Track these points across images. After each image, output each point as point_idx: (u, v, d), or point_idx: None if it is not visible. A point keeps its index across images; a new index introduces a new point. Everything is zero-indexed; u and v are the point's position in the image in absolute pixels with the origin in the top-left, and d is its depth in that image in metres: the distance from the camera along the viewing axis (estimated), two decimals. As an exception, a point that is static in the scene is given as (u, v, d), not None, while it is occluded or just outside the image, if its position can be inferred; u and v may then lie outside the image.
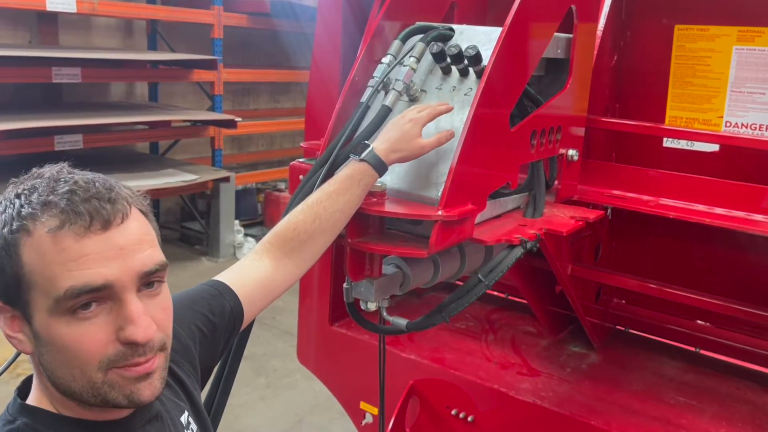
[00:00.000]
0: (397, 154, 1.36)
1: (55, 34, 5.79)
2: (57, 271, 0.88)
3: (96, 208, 0.90)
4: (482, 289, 1.48)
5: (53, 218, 0.89)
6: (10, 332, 0.94)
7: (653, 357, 2.21)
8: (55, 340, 0.90)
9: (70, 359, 0.91)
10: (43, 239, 0.89)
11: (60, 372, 0.93)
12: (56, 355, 0.92)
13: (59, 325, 0.90)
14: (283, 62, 7.35)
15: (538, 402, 1.94)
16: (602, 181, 1.89)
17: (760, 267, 2.04)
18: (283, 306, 4.12)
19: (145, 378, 0.95)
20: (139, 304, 0.93)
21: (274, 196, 7.06)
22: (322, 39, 2.32)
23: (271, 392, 4.11)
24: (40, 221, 0.89)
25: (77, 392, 0.93)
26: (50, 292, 0.89)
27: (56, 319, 0.90)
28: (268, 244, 1.34)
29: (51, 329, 0.90)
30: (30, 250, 0.89)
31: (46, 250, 0.89)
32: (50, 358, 0.92)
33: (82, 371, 0.91)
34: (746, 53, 1.86)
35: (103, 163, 5.58)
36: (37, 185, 0.93)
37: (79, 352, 0.90)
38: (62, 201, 0.90)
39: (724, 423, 1.87)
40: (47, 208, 0.90)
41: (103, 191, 0.92)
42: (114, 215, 0.91)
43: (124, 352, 0.92)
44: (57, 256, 0.88)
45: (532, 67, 1.56)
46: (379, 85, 1.51)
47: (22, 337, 0.94)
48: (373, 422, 2.23)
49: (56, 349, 0.91)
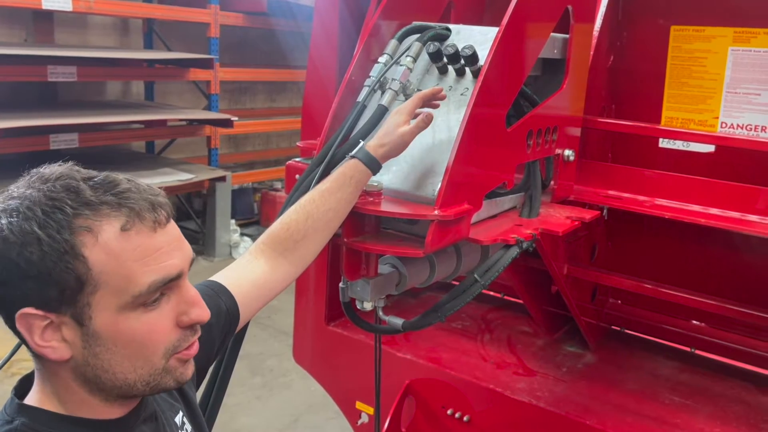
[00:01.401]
0: (384, 148, 1.35)
1: (51, 33, 5.77)
2: (134, 267, 0.90)
3: (155, 203, 0.93)
4: (478, 289, 1.48)
5: (119, 217, 0.90)
6: (41, 342, 0.91)
7: (648, 357, 2.22)
8: (122, 335, 0.92)
9: (137, 352, 0.93)
10: (113, 239, 0.89)
11: (119, 367, 0.94)
12: (120, 351, 0.93)
13: (128, 321, 0.92)
14: (280, 61, 7.34)
15: (534, 402, 1.94)
16: (598, 182, 1.89)
17: (754, 267, 2.04)
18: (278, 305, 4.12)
19: (189, 360, 1.01)
20: (194, 288, 1.00)
21: (270, 196, 7.06)
22: (318, 38, 2.32)
23: (267, 392, 4.11)
24: (104, 221, 0.89)
25: (130, 383, 0.95)
26: (127, 289, 0.90)
27: (126, 315, 0.91)
28: (262, 244, 1.34)
29: (119, 326, 0.91)
30: (97, 251, 0.88)
31: (119, 248, 0.89)
32: (109, 357, 0.93)
33: (147, 361, 0.95)
34: (742, 54, 1.87)
35: (99, 162, 5.55)
36: (74, 185, 0.90)
37: (150, 342, 0.94)
38: (120, 199, 0.91)
39: (719, 423, 1.88)
40: (107, 208, 0.90)
41: (147, 188, 0.95)
42: (166, 210, 0.96)
43: (184, 335, 0.98)
44: (131, 253, 0.90)
45: (528, 67, 1.56)
46: (375, 84, 1.51)
47: (57, 344, 0.91)
48: (369, 422, 2.23)
49: (122, 344, 0.92)
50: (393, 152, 1.37)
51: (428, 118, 1.38)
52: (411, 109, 1.38)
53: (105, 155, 5.99)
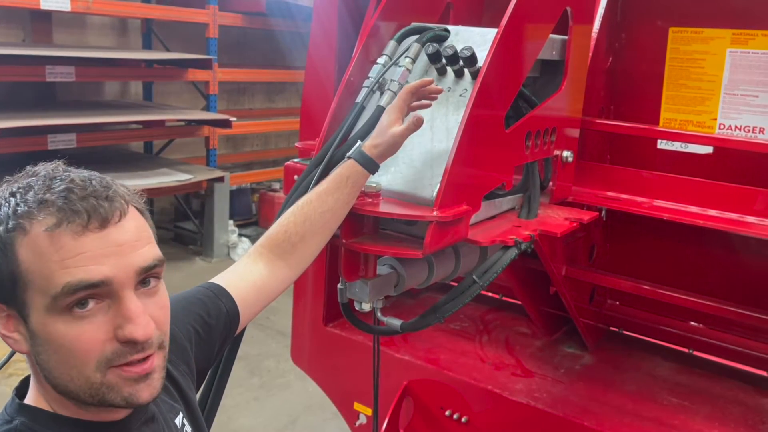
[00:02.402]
0: (378, 148, 1.34)
1: (49, 33, 5.76)
2: (54, 268, 0.88)
3: (93, 206, 0.90)
4: (477, 290, 1.48)
5: (50, 216, 0.88)
6: (5, 332, 0.93)
7: (647, 358, 2.22)
8: (52, 339, 0.90)
9: (67, 358, 0.90)
10: (39, 237, 0.88)
11: (57, 372, 0.92)
12: (53, 355, 0.91)
13: (56, 324, 0.89)
14: (279, 62, 7.34)
15: (532, 403, 1.94)
16: (597, 183, 1.89)
17: (752, 268, 2.04)
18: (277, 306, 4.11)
19: (144, 379, 0.94)
20: (137, 302, 0.92)
21: (268, 197, 7.05)
22: (317, 39, 2.32)
23: (265, 393, 4.10)
24: (36, 219, 0.88)
25: (75, 392, 0.92)
26: (47, 289, 0.88)
27: (53, 317, 0.89)
28: (261, 247, 1.34)
29: (48, 328, 0.89)
30: (26, 249, 0.89)
31: (43, 248, 0.88)
32: (47, 358, 0.91)
33: (79, 371, 0.91)
34: (740, 56, 1.87)
35: (97, 162, 5.56)
36: (33, 183, 0.92)
37: (77, 351, 0.89)
38: (59, 199, 0.89)
39: (717, 424, 1.88)
40: (44, 207, 0.89)
41: (100, 189, 0.92)
42: (112, 213, 0.91)
43: (122, 350, 0.91)
44: (54, 254, 0.88)
45: (527, 69, 1.56)
46: (374, 85, 1.51)
47: (18, 336, 0.93)
48: (367, 423, 2.23)
49: (53, 349, 0.90)
50: (387, 152, 1.36)
51: (419, 122, 1.36)
52: (401, 106, 1.38)
53: (103, 155, 5.98)
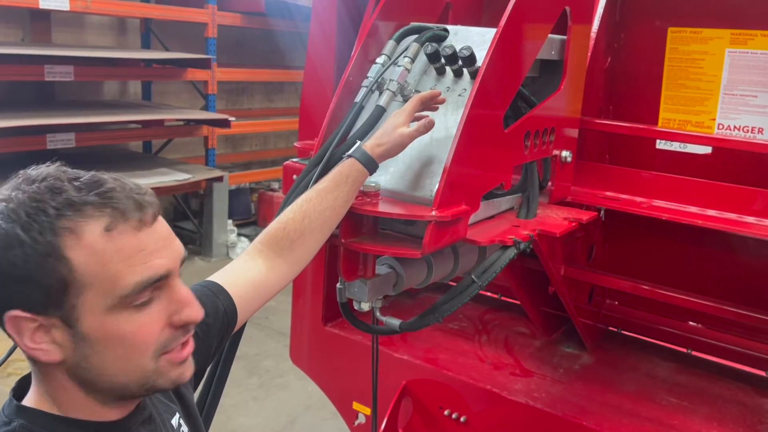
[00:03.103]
0: (382, 147, 1.35)
1: (48, 32, 5.75)
2: (119, 268, 0.88)
3: (140, 203, 0.92)
4: (475, 290, 1.48)
5: (103, 217, 0.88)
6: (32, 344, 0.90)
7: (645, 358, 2.22)
8: (111, 336, 0.91)
9: (126, 352, 0.92)
10: (96, 239, 0.87)
11: (111, 369, 0.93)
12: (109, 353, 0.92)
13: (119, 321, 0.90)
14: (278, 62, 7.34)
15: (531, 403, 1.94)
16: (595, 183, 1.89)
17: (751, 269, 2.05)
18: (276, 306, 4.12)
19: (186, 361, 0.99)
20: (186, 288, 0.98)
21: (267, 196, 7.05)
22: (316, 39, 2.32)
23: (264, 392, 4.10)
24: (86, 222, 0.87)
25: (123, 385, 0.95)
26: (113, 290, 0.88)
27: (115, 315, 0.90)
28: (259, 244, 1.34)
29: (107, 326, 0.90)
30: (81, 252, 0.87)
31: (103, 249, 0.88)
32: (100, 358, 0.92)
33: (136, 363, 0.93)
34: (739, 56, 1.87)
35: (96, 161, 5.56)
36: (58, 185, 0.89)
37: (138, 343, 0.92)
38: (104, 199, 0.89)
39: (716, 424, 1.88)
40: (90, 209, 0.88)
41: (134, 187, 0.94)
42: (154, 208, 0.94)
43: (174, 335, 0.96)
44: (116, 254, 0.88)
45: (526, 69, 1.56)
46: (373, 85, 1.51)
47: (48, 346, 0.90)
48: (366, 422, 2.23)
49: (112, 346, 0.91)
50: (390, 152, 1.36)
51: (430, 124, 1.38)
52: (411, 111, 1.39)
53: (102, 155, 5.98)
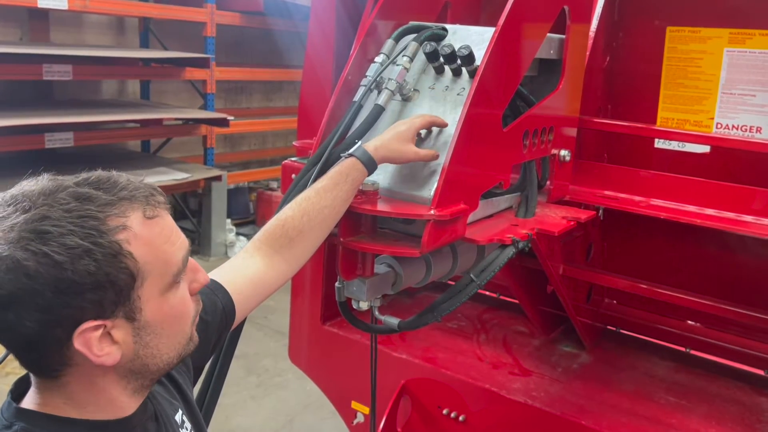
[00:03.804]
0: (386, 152, 1.36)
1: (46, 31, 5.74)
2: (167, 249, 0.96)
3: (150, 191, 0.98)
4: (474, 289, 1.48)
5: (138, 208, 0.94)
6: (99, 353, 0.91)
7: (644, 357, 2.22)
8: (167, 315, 0.98)
9: (179, 325, 1.01)
10: (142, 229, 0.93)
11: (164, 348, 0.99)
12: (166, 331, 0.98)
13: (169, 299, 0.98)
14: (276, 61, 7.33)
15: (530, 402, 1.94)
16: (594, 182, 1.89)
17: (750, 268, 2.05)
18: (274, 305, 4.11)
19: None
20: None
21: (266, 195, 7.05)
22: (315, 38, 2.32)
23: (263, 392, 4.10)
24: (130, 216, 0.92)
25: (171, 360, 1.01)
26: (168, 270, 0.96)
27: (169, 294, 0.97)
28: (258, 242, 1.34)
29: (164, 306, 0.97)
30: (136, 244, 0.92)
31: (150, 236, 0.94)
32: (157, 341, 0.98)
33: (185, 332, 1.02)
34: (737, 55, 1.87)
35: (95, 161, 5.54)
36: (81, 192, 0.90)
37: (185, 314, 1.02)
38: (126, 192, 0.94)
39: (714, 423, 1.88)
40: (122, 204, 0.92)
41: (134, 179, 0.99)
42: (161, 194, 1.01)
43: (197, 299, 1.06)
44: (159, 237, 0.96)
45: (524, 68, 1.56)
46: (372, 84, 1.51)
47: (110, 348, 0.92)
48: (365, 422, 2.23)
49: (168, 324, 0.98)
50: (391, 160, 1.38)
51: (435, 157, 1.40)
52: (419, 127, 1.41)
53: (100, 154, 5.97)
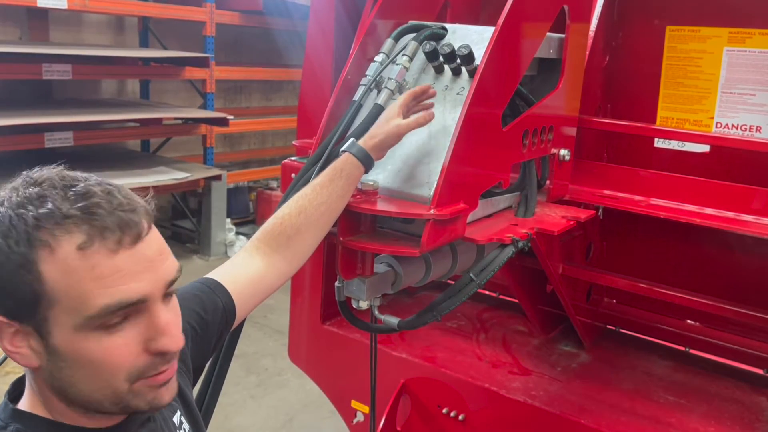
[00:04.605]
0: (375, 139, 1.35)
1: (46, 31, 5.74)
2: (89, 288, 0.84)
3: (124, 221, 0.86)
4: (474, 288, 1.48)
5: (80, 233, 0.84)
6: (11, 348, 0.89)
7: (643, 356, 2.22)
8: (80, 355, 0.87)
9: (96, 373, 0.88)
10: (70, 256, 0.84)
11: (80, 385, 0.90)
12: (80, 371, 0.89)
13: (87, 341, 0.86)
14: (276, 60, 7.33)
15: (529, 401, 1.94)
16: (593, 181, 1.89)
17: (749, 267, 2.05)
18: (274, 304, 4.11)
19: (166, 384, 0.95)
20: (168, 314, 0.92)
21: (265, 195, 7.04)
22: (314, 37, 2.32)
23: (262, 391, 4.10)
24: (63, 237, 0.84)
25: (98, 401, 0.92)
26: (81, 310, 0.85)
27: (84, 335, 0.86)
28: (257, 241, 1.34)
29: (76, 345, 0.87)
30: (53, 267, 0.84)
31: (75, 267, 0.84)
32: (71, 373, 0.89)
33: (108, 383, 0.89)
34: (737, 54, 1.87)
35: (94, 160, 5.55)
36: (47, 194, 0.86)
37: (108, 366, 0.88)
38: (85, 214, 0.85)
39: (713, 422, 1.88)
40: (69, 222, 0.84)
41: (124, 201, 0.88)
42: (141, 228, 0.88)
43: (153, 361, 0.91)
44: (88, 273, 0.84)
45: (524, 67, 1.56)
46: (371, 83, 1.51)
47: (26, 351, 0.89)
48: (364, 421, 2.23)
49: (81, 365, 0.88)
50: (385, 143, 1.36)
51: (429, 116, 1.38)
52: (402, 104, 1.39)
53: (100, 154, 5.97)
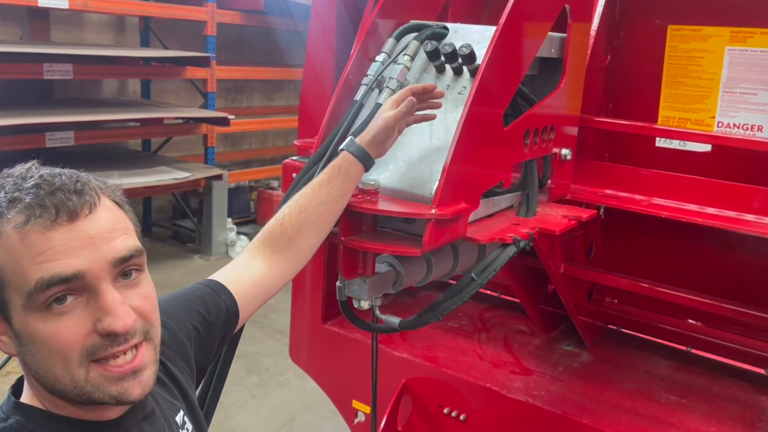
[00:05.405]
0: (369, 134, 1.35)
1: (47, 30, 5.75)
2: (26, 265, 0.87)
3: (61, 200, 0.89)
4: (475, 288, 1.48)
5: (19, 214, 0.88)
6: None
7: (645, 356, 2.22)
8: (33, 337, 0.89)
9: (50, 356, 0.90)
10: (10, 236, 0.88)
11: (43, 371, 0.91)
12: (37, 354, 0.90)
13: (35, 322, 0.88)
14: (277, 60, 7.34)
15: (530, 401, 1.94)
16: (595, 181, 1.89)
17: (751, 266, 2.05)
18: (275, 304, 4.11)
19: (134, 376, 0.93)
20: (115, 294, 0.91)
21: (266, 194, 7.05)
22: (315, 37, 2.32)
23: (263, 391, 4.10)
24: (6, 219, 0.89)
25: (62, 391, 0.92)
26: (22, 287, 0.88)
27: (32, 315, 0.88)
28: (258, 242, 1.34)
29: (28, 327, 0.89)
30: (1, 249, 0.89)
31: (14, 246, 0.88)
32: (32, 358, 0.91)
33: (64, 368, 0.90)
34: (738, 54, 1.87)
35: (95, 160, 5.55)
36: (5, 184, 0.92)
37: (57, 348, 0.89)
38: (27, 196, 0.89)
39: (715, 422, 1.88)
40: (13, 205, 0.89)
41: (69, 183, 0.91)
42: (81, 206, 0.90)
43: (102, 343, 0.90)
44: (25, 251, 0.87)
45: (525, 66, 1.56)
46: (373, 83, 1.51)
47: (6, 338, 0.93)
48: (366, 421, 2.23)
49: (36, 347, 0.90)
50: (378, 137, 1.35)
51: (411, 103, 1.35)
52: (397, 98, 1.38)
53: (101, 153, 5.97)
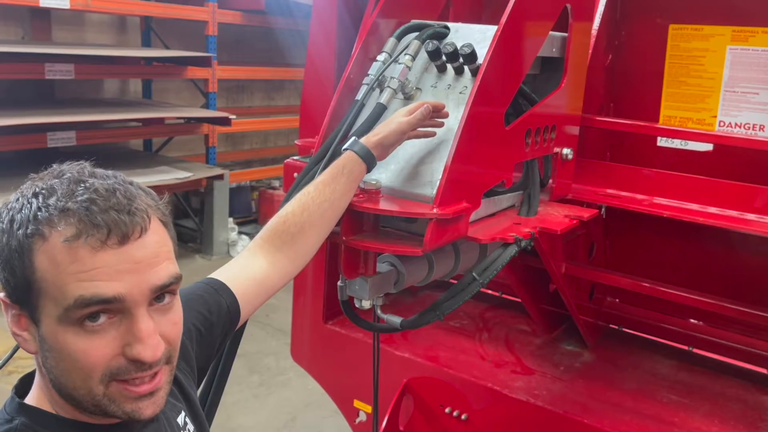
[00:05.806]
0: (378, 136, 1.36)
1: (48, 30, 5.75)
2: (68, 280, 0.87)
3: (114, 220, 0.88)
4: (476, 288, 1.48)
5: (70, 227, 0.87)
6: (16, 330, 0.94)
7: (646, 355, 2.22)
8: (60, 347, 0.89)
9: (73, 368, 0.90)
10: (57, 248, 0.87)
11: (63, 378, 0.92)
12: (60, 362, 0.91)
13: (66, 334, 0.89)
14: (278, 60, 7.33)
15: (532, 400, 1.94)
16: (596, 180, 1.89)
17: (752, 266, 2.05)
18: (276, 304, 4.11)
19: (149, 396, 0.94)
20: (149, 322, 0.91)
21: (268, 194, 7.05)
22: (317, 36, 2.32)
23: (265, 390, 4.10)
24: (56, 229, 0.87)
25: (78, 399, 0.93)
26: (60, 301, 0.87)
27: (64, 327, 0.88)
28: (260, 240, 1.34)
29: (58, 337, 0.89)
30: (43, 257, 0.88)
31: (60, 259, 0.87)
32: (54, 364, 0.91)
33: (84, 381, 0.91)
34: (740, 53, 1.87)
35: (97, 160, 5.53)
36: (56, 187, 0.90)
37: (83, 363, 0.89)
38: (81, 209, 0.88)
39: (716, 421, 1.88)
40: (64, 216, 0.88)
41: (123, 201, 0.90)
42: (132, 229, 0.89)
43: (127, 367, 0.91)
44: (70, 266, 0.87)
45: (527, 66, 1.56)
46: (374, 83, 1.51)
47: (28, 336, 0.93)
48: (367, 420, 2.23)
49: (61, 357, 0.90)
50: (387, 140, 1.36)
51: (426, 110, 1.38)
52: (413, 108, 1.39)
53: (103, 153, 5.97)
